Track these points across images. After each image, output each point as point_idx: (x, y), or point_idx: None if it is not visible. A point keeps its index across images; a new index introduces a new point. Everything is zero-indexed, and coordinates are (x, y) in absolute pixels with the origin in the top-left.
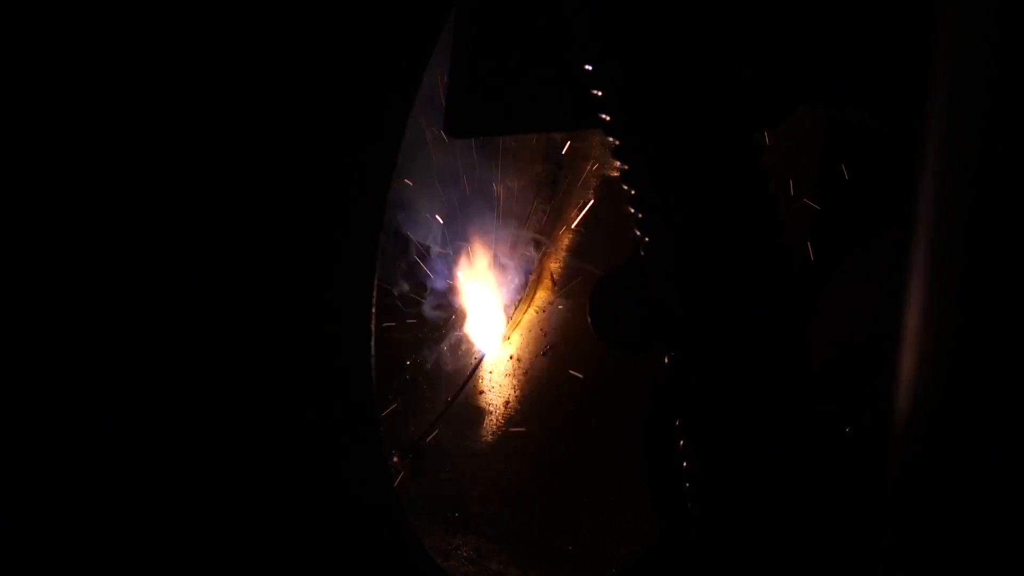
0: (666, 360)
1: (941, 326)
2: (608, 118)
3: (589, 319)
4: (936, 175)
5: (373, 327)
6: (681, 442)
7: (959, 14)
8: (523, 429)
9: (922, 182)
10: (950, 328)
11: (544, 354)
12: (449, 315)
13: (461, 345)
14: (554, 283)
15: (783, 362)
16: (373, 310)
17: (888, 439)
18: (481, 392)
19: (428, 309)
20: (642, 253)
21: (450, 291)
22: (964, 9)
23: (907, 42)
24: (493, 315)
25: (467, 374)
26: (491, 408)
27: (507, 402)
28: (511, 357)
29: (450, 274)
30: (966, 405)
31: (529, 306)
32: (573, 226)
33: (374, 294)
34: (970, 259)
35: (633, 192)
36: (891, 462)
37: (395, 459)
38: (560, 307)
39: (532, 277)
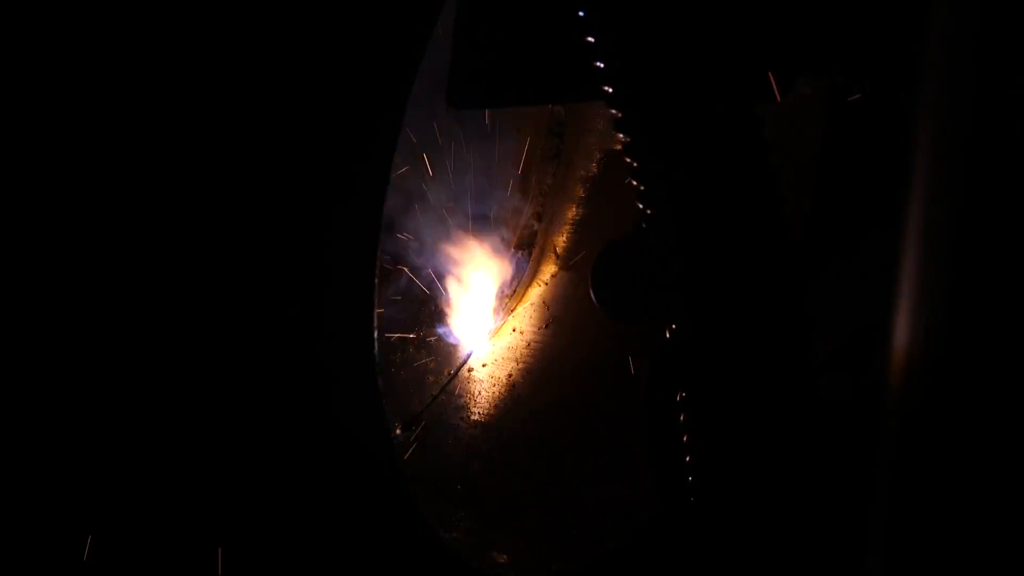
0: (667, 333)
1: (936, 314)
2: (610, 90)
3: (591, 290)
4: (932, 158)
5: (376, 299)
6: (682, 415)
7: None
8: (524, 401)
9: (917, 163)
10: (946, 316)
11: (546, 326)
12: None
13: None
14: (557, 256)
15: (783, 334)
16: (376, 282)
17: (881, 420)
18: (484, 364)
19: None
20: (644, 225)
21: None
22: None
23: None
24: (481, 306)
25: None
26: (493, 380)
27: (509, 374)
28: (513, 329)
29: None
30: (958, 395)
31: (532, 279)
32: (576, 198)
33: (376, 266)
34: (965, 249)
35: (635, 164)
36: (883, 443)
37: (397, 431)
38: (562, 279)
39: (535, 251)
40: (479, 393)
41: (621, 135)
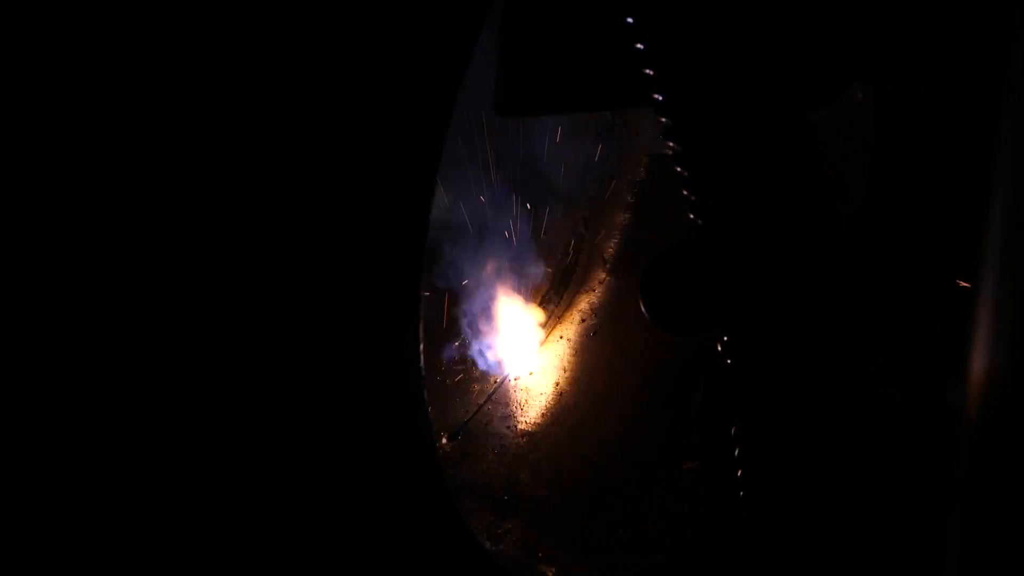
0: (719, 345)
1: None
2: (660, 98)
3: (640, 301)
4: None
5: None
6: (734, 429)
7: None
8: (572, 410)
9: (996, 169)
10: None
11: (594, 334)
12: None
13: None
14: (604, 262)
15: (838, 347)
16: (422, 292)
17: (960, 442)
18: (530, 372)
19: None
20: (693, 235)
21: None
22: None
23: (969, 14)
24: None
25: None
26: (540, 389)
27: (556, 383)
28: (560, 337)
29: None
30: None
31: (580, 287)
32: (624, 204)
33: (422, 274)
34: None
35: (684, 173)
36: (955, 460)
37: (443, 441)
38: (610, 286)
39: (582, 256)
40: (525, 402)
41: (670, 143)
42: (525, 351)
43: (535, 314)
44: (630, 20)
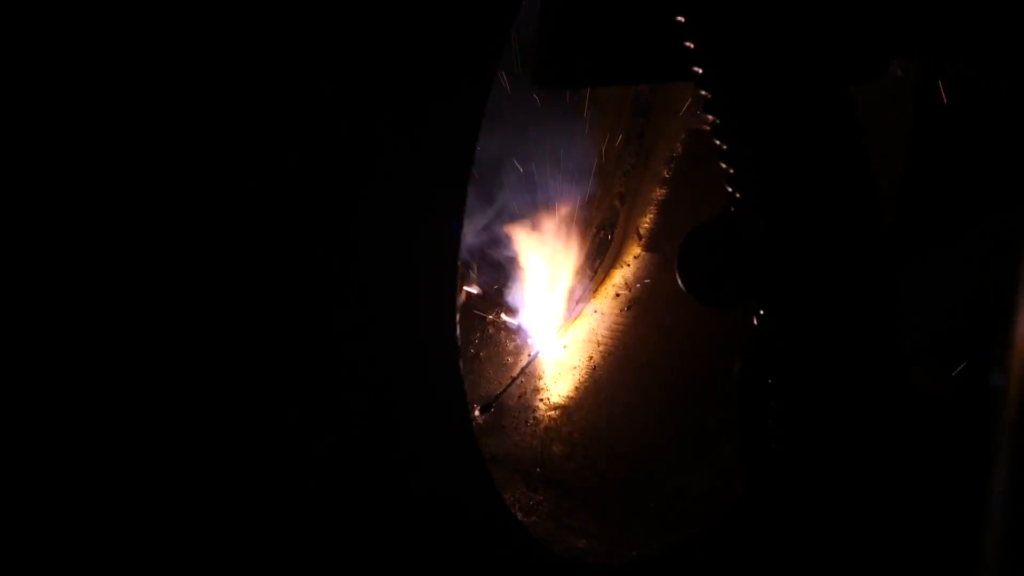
0: (755, 319)
1: None
2: (700, 71)
3: (677, 274)
4: None
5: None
6: (771, 402)
7: None
8: (605, 384)
9: None
10: None
11: (628, 308)
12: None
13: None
14: (639, 237)
15: (874, 320)
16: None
17: (1001, 418)
18: (564, 346)
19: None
20: (732, 208)
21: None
22: None
23: None
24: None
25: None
26: (573, 362)
27: (589, 356)
28: (595, 311)
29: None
30: None
31: (615, 261)
32: (660, 179)
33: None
34: None
35: (724, 147)
36: (995, 438)
37: (476, 413)
38: (645, 261)
39: (617, 231)
40: (559, 375)
41: (710, 116)
42: (558, 324)
43: (570, 287)
44: None
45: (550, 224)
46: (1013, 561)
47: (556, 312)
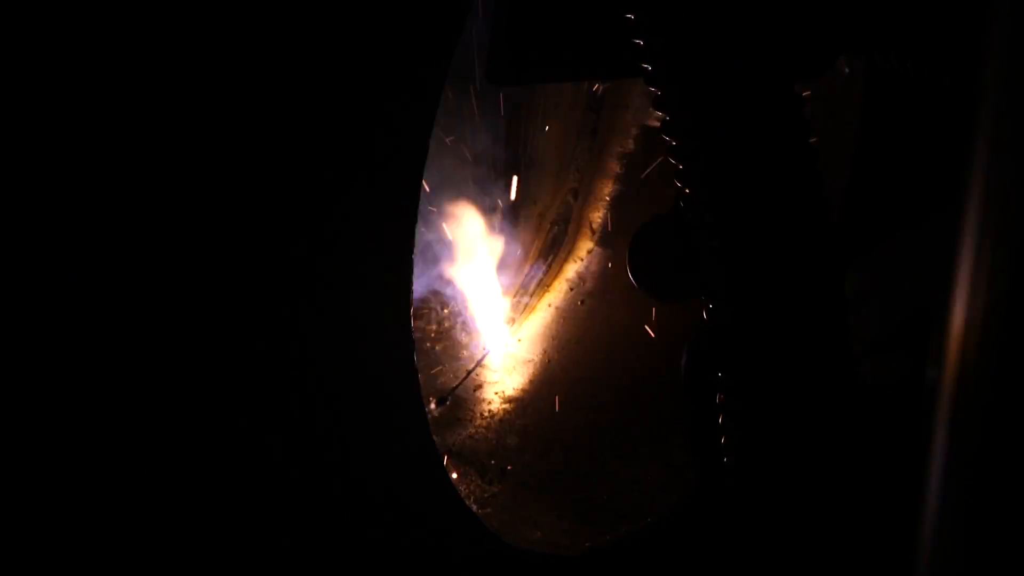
0: (704, 312)
1: (996, 307)
2: (649, 68)
3: (628, 269)
4: (994, 131)
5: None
6: (719, 395)
7: None
8: (559, 378)
9: (976, 149)
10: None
11: (582, 302)
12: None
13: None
14: (592, 232)
15: (821, 314)
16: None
17: (939, 407)
18: (519, 340)
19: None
20: (681, 204)
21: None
22: None
23: None
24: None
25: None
26: (528, 356)
27: (544, 350)
28: (549, 305)
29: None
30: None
31: (568, 256)
32: (612, 175)
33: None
34: None
35: (673, 143)
36: (940, 431)
37: (431, 406)
38: (598, 256)
39: (571, 226)
40: (514, 368)
41: (659, 113)
42: (510, 319)
43: (523, 281)
44: None
45: (500, 220)
46: (947, 551)
47: (506, 307)
